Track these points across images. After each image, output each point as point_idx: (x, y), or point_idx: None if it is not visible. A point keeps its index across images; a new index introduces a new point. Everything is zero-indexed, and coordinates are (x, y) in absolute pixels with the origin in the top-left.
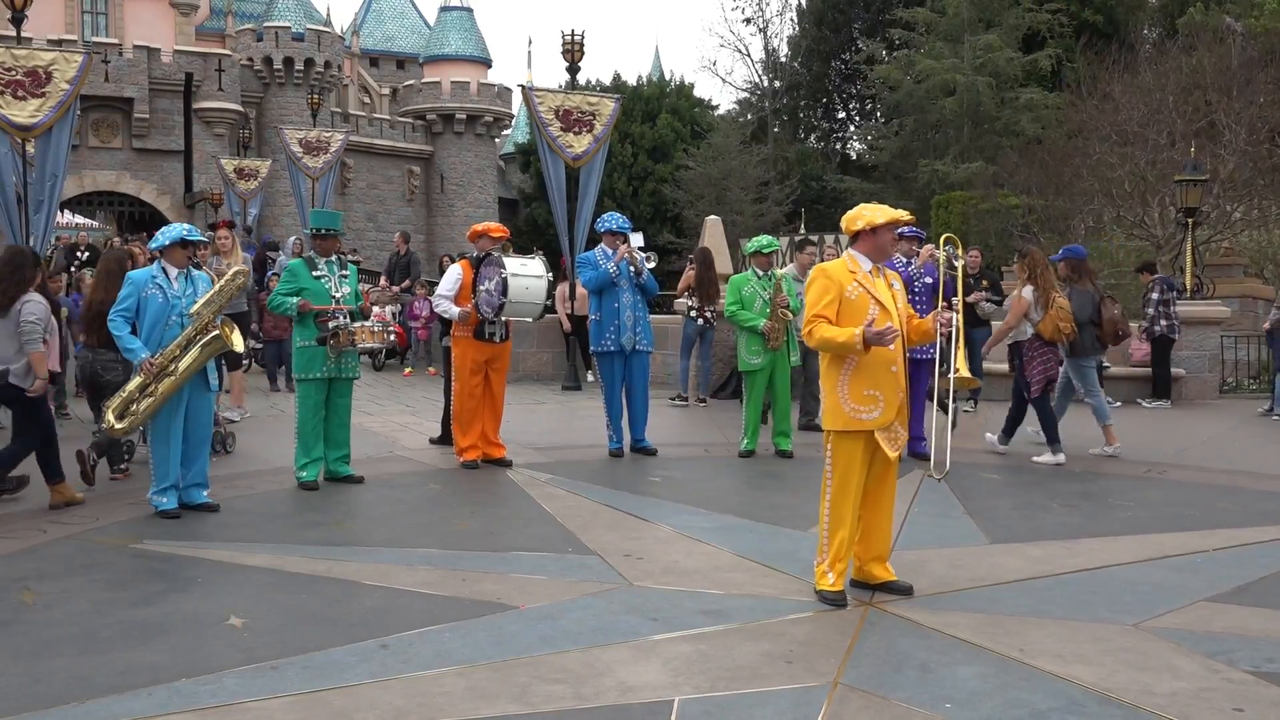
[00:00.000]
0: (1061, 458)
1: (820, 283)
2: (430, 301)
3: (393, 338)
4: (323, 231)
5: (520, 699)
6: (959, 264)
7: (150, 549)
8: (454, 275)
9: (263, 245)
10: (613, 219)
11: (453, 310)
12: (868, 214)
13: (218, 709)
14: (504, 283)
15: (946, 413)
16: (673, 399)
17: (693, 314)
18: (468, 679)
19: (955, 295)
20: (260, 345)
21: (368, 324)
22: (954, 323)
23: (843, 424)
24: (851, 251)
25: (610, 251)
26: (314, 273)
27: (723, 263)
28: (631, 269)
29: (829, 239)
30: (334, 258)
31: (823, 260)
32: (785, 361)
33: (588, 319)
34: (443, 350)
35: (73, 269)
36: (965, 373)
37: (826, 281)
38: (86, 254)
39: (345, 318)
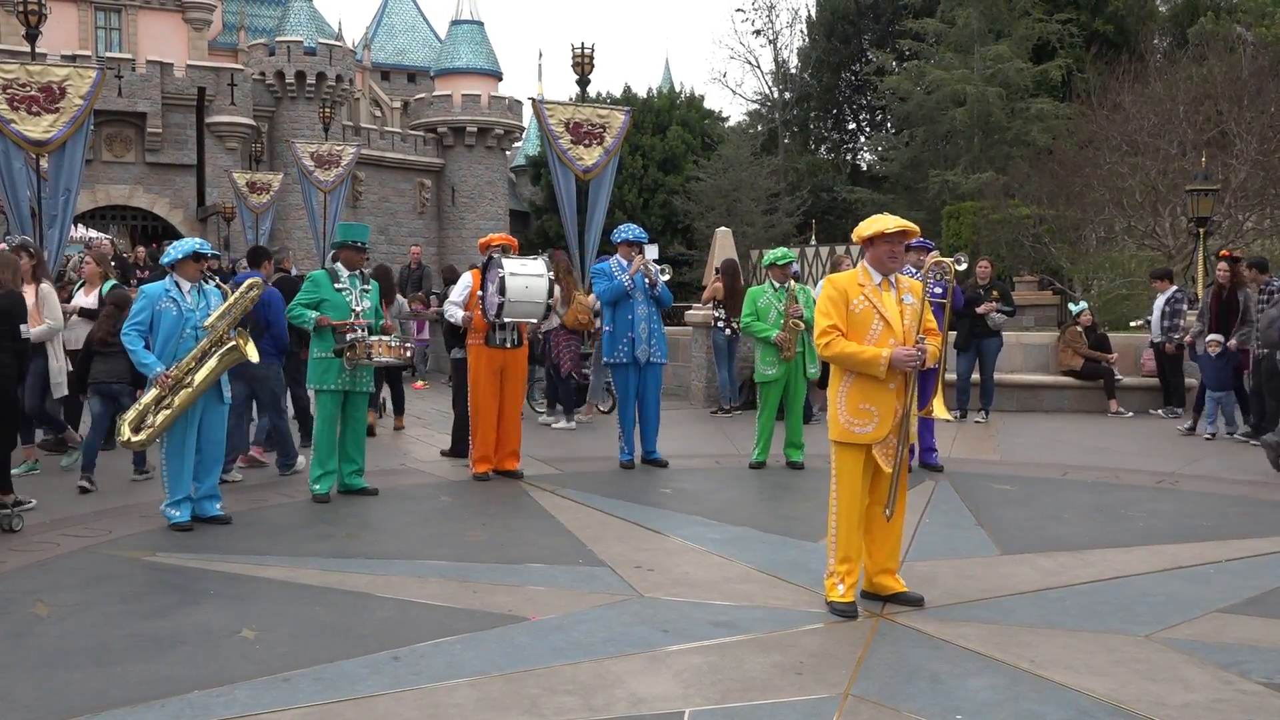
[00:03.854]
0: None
1: (827, 293)
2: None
3: (409, 354)
4: (350, 244)
5: (532, 710)
6: (948, 274)
7: (163, 561)
8: (464, 283)
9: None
10: (629, 230)
11: (456, 315)
12: (864, 225)
13: None
14: (502, 282)
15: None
16: (713, 411)
17: (720, 325)
18: (479, 690)
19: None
20: None
21: (385, 339)
22: (920, 358)
23: (839, 435)
24: (863, 262)
25: (625, 262)
26: (336, 284)
27: None
28: (646, 280)
29: (840, 249)
30: (358, 271)
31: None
32: (800, 373)
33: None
34: (453, 362)
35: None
36: (941, 412)
37: (833, 292)
38: (113, 263)
39: (364, 332)
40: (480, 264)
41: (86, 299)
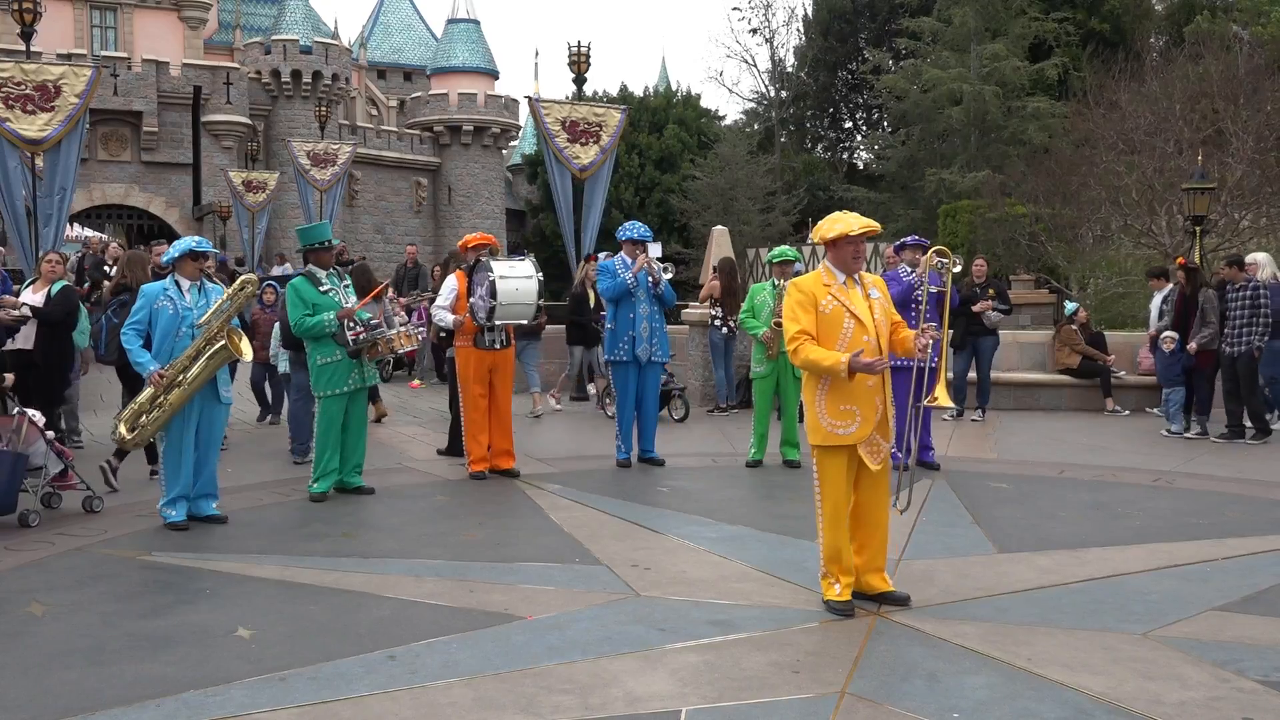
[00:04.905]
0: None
1: (794, 297)
2: (419, 311)
3: (422, 336)
4: (314, 246)
5: (528, 709)
6: (946, 277)
7: (159, 561)
8: (450, 286)
9: (219, 264)
10: (634, 228)
11: (447, 319)
12: (824, 227)
13: None
14: (492, 285)
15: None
16: (710, 410)
17: (716, 323)
18: (475, 689)
19: (943, 313)
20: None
21: (403, 329)
22: (931, 347)
23: (822, 439)
24: (825, 262)
25: (629, 260)
26: (321, 288)
27: None
28: (650, 279)
29: None
30: (333, 270)
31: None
32: (790, 372)
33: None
34: (448, 362)
35: (104, 285)
36: (945, 399)
37: (800, 296)
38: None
39: (369, 329)
40: (464, 265)
41: (34, 297)
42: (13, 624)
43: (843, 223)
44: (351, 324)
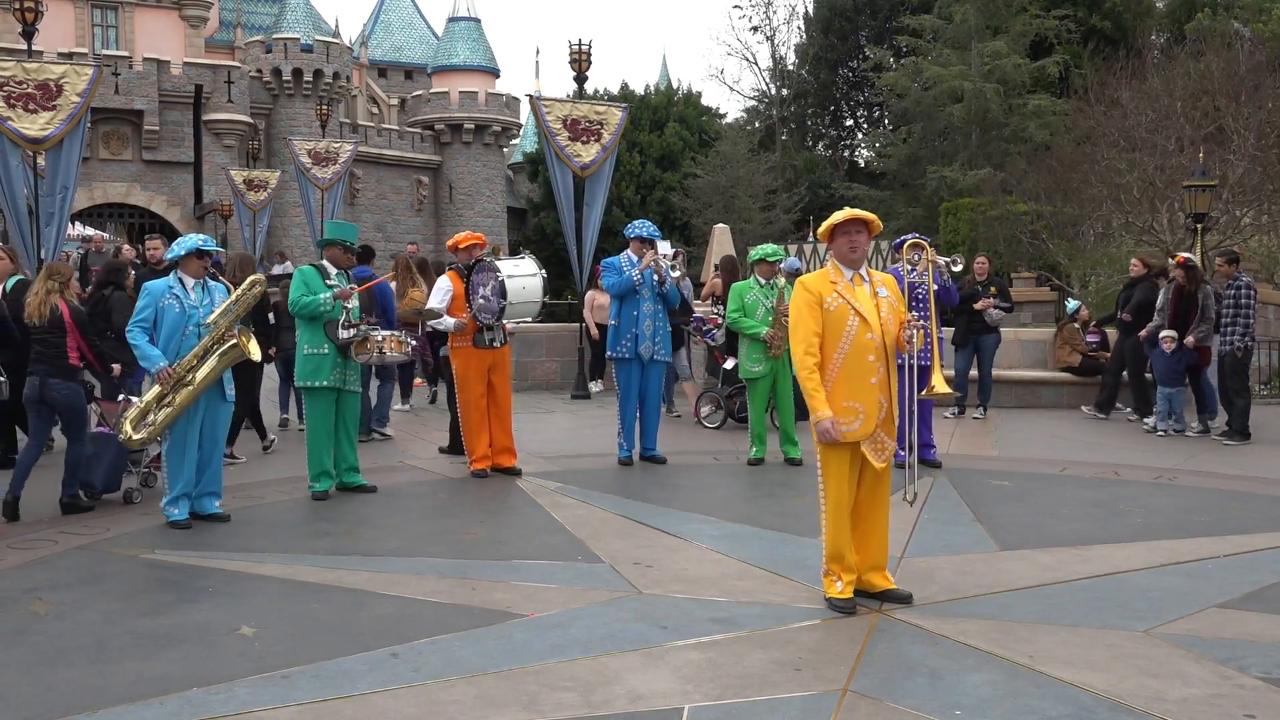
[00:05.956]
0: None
1: (800, 298)
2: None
3: (411, 350)
4: (340, 242)
5: (530, 707)
6: (943, 273)
7: (161, 559)
8: (444, 287)
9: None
10: (643, 226)
11: (447, 322)
12: (825, 224)
13: (229, 718)
14: (501, 286)
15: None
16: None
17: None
18: (477, 687)
19: (928, 306)
20: None
21: (395, 334)
22: (916, 340)
23: None
24: (831, 259)
25: (636, 258)
26: (328, 282)
27: None
28: (655, 278)
29: None
30: (343, 271)
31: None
32: (786, 370)
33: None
34: (445, 360)
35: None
36: (942, 386)
37: (807, 296)
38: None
39: (367, 329)
40: (456, 266)
41: None
42: (16, 622)
43: (833, 217)
44: (346, 316)
